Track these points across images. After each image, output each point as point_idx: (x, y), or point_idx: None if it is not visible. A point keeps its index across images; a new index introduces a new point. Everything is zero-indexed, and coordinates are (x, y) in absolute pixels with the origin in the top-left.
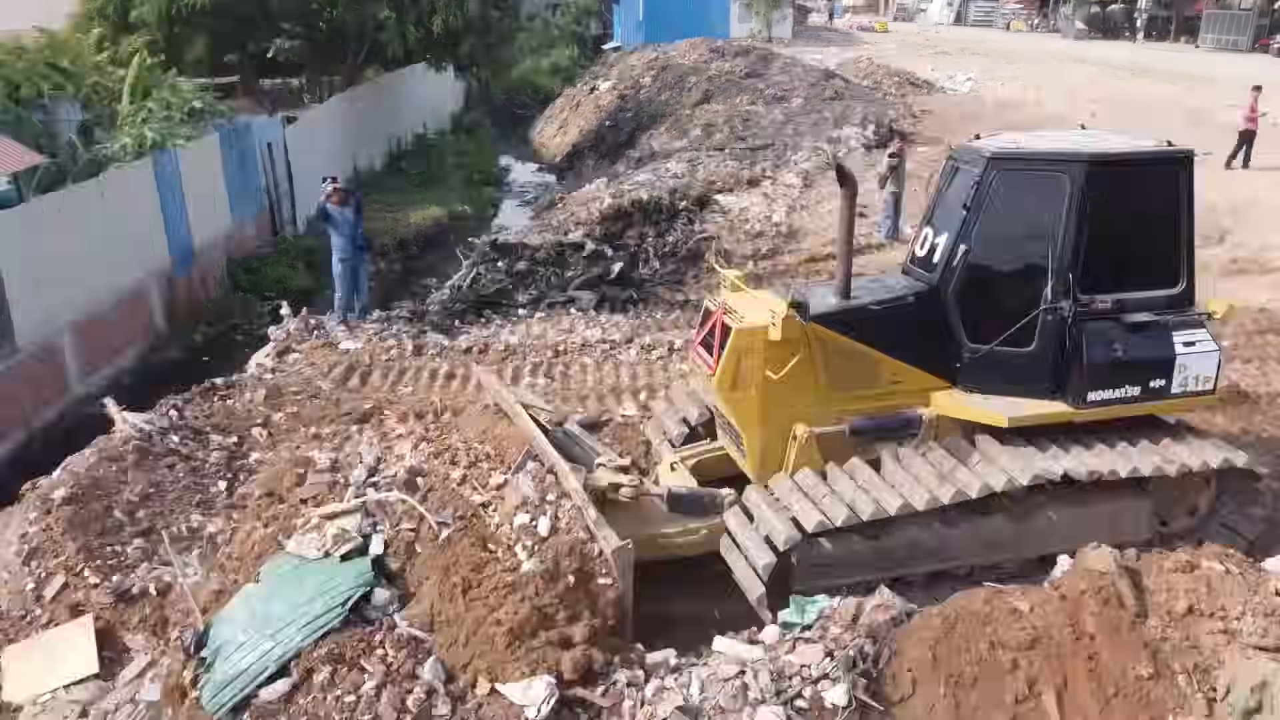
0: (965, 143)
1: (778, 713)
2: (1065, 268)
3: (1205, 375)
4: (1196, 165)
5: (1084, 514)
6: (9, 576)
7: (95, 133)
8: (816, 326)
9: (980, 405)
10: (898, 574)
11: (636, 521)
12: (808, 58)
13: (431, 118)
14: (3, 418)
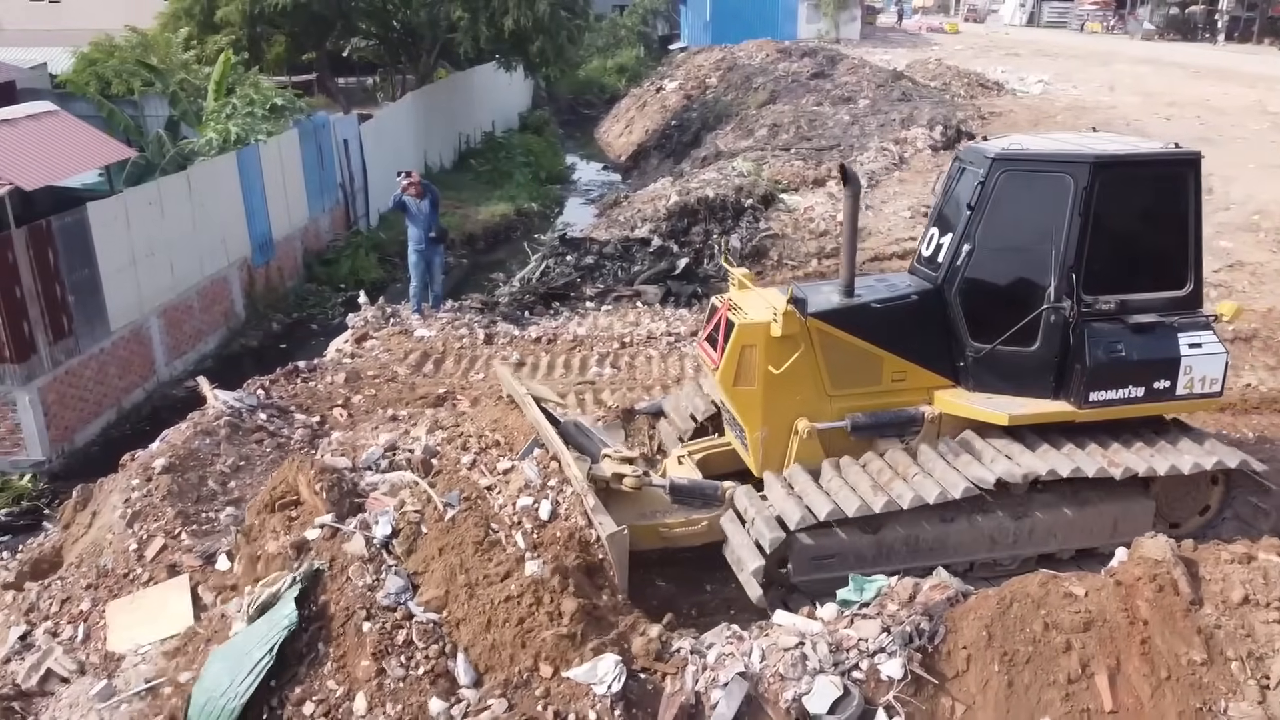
0: (971, 144)
1: (835, 682)
2: (1068, 268)
3: (1212, 377)
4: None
5: (1086, 513)
6: (113, 537)
7: (181, 128)
8: (818, 323)
9: (981, 404)
10: (898, 568)
11: (639, 511)
12: (875, 59)
13: (500, 116)
14: (97, 396)
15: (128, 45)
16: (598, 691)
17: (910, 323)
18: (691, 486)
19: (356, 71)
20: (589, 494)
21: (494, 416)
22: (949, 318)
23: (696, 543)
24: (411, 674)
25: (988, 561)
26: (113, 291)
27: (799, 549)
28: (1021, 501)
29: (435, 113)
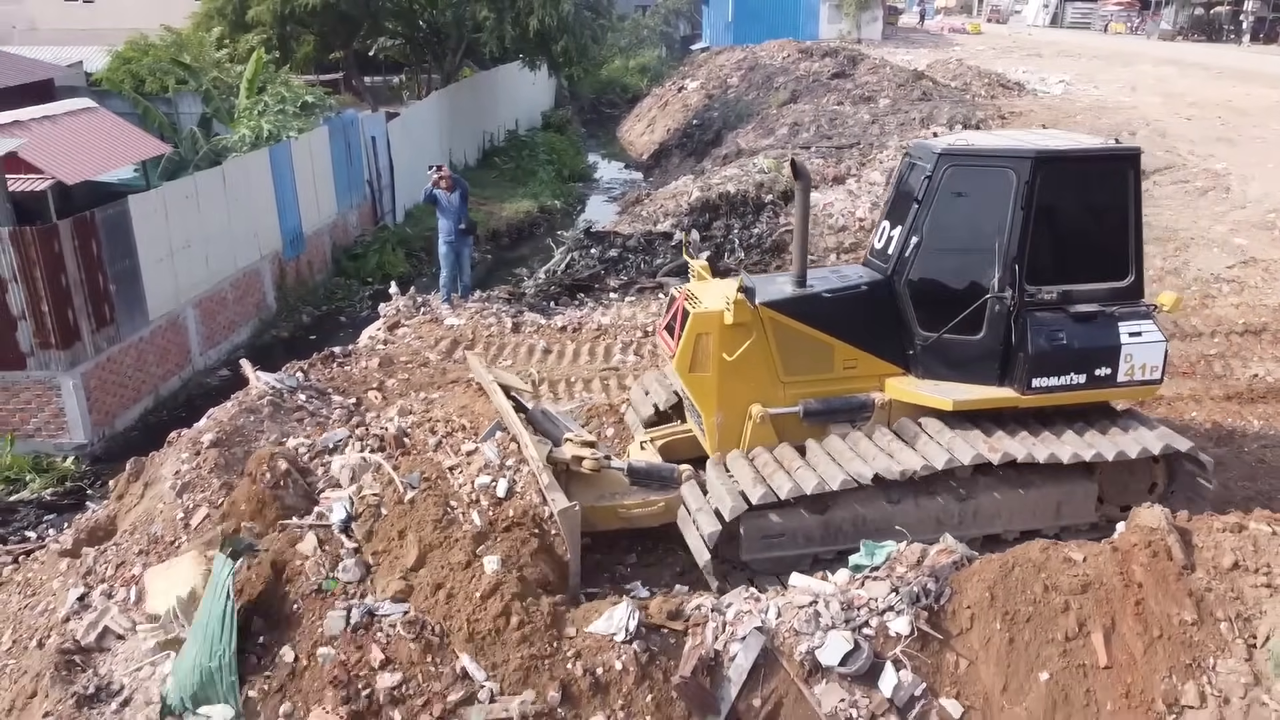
0: (919, 140)
1: (846, 637)
2: (1011, 259)
3: (1152, 365)
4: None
5: (1029, 496)
6: (164, 507)
7: (213, 125)
8: (770, 312)
9: (928, 390)
10: (845, 548)
11: (599, 493)
12: (897, 59)
13: (523, 115)
14: (136, 383)
15: (162, 44)
16: (618, 639)
17: (860, 312)
18: (649, 469)
19: (383, 70)
20: (544, 472)
21: (462, 403)
22: (898, 308)
23: (654, 523)
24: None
25: (934, 543)
26: (151, 282)
27: (750, 528)
28: (966, 484)
29: (460, 111)
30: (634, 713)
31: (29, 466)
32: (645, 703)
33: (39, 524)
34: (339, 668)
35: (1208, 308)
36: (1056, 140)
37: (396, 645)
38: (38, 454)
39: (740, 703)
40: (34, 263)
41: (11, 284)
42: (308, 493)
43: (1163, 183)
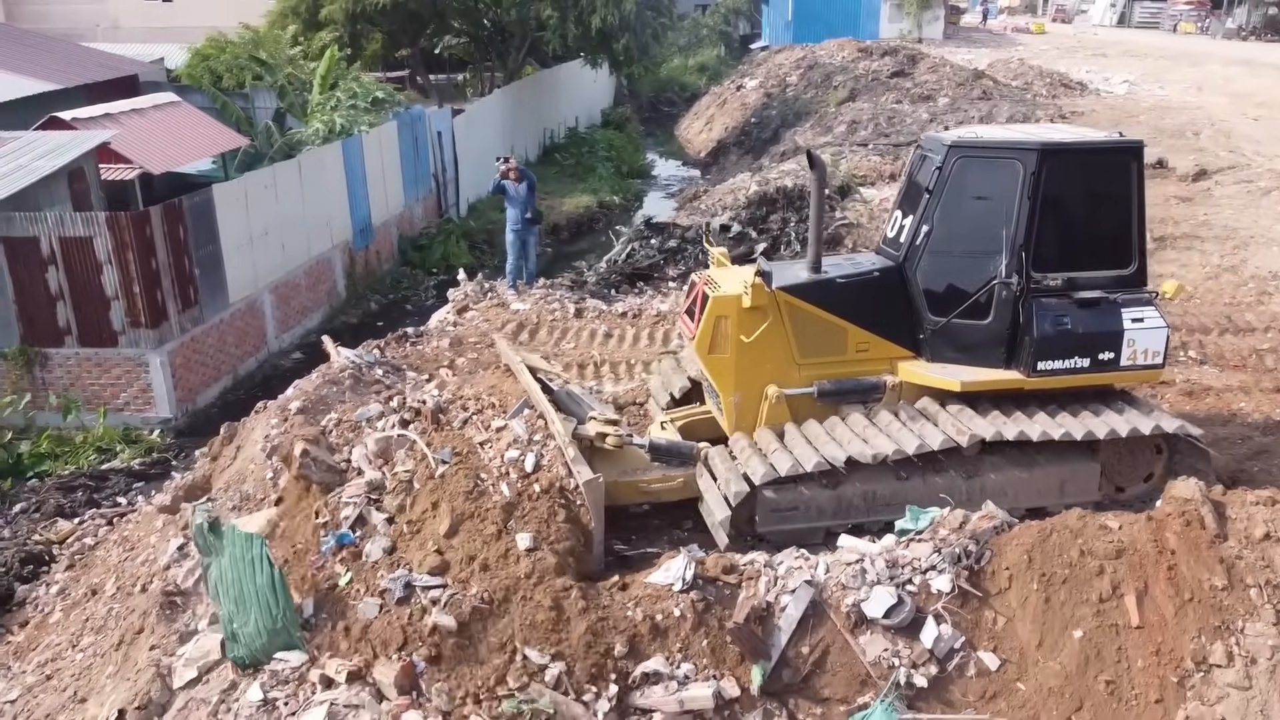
0: (930, 133)
1: (890, 592)
2: (1018, 247)
3: (1154, 350)
4: None
5: (1034, 474)
6: (254, 467)
7: (287, 119)
8: (787, 296)
9: (937, 372)
10: (857, 521)
11: (621, 468)
12: (957, 58)
13: (583, 112)
14: (216, 362)
15: (240, 41)
16: (676, 589)
17: (872, 297)
18: (669, 446)
19: (447, 68)
20: (569, 446)
21: (491, 383)
22: (909, 293)
23: (673, 498)
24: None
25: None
26: (232, 267)
27: (764, 502)
28: (973, 462)
29: (522, 108)
30: (691, 655)
31: (119, 438)
32: (701, 646)
33: (128, 491)
34: (397, 630)
35: (1263, 304)
36: (1063, 133)
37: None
38: (127, 426)
39: (789, 649)
40: (127, 246)
41: (106, 266)
42: (332, 467)
43: (1225, 182)
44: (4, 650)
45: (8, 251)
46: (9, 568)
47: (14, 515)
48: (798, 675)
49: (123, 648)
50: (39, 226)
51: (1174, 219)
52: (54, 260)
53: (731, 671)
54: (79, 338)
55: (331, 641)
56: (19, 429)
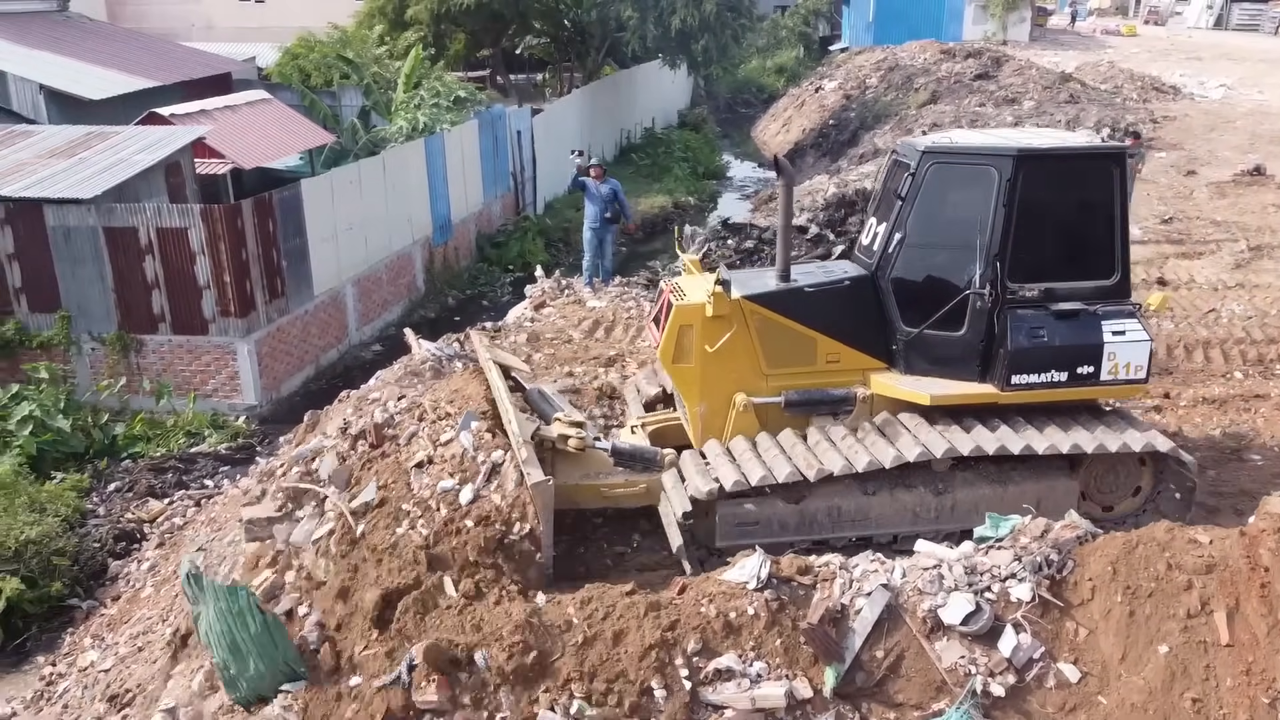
0: (905, 138)
1: (968, 599)
2: (993, 257)
3: (1137, 364)
4: None
5: (1008, 491)
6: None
7: (371, 117)
8: (752, 305)
9: (908, 385)
10: (821, 538)
11: (583, 471)
12: (1044, 61)
13: (660, 113)
14: (300, 352)
15: (328, 41)
16: (750, 586)
17: (842, 307)
18: (633, 450)
19: (526, 68)
20: (523, 447)
21: (455, 387)
22: (881, 303)
23: (635, 504)
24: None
25: (911, 535)
26: (317, 260)
27: (722, 516)
28: (944, 478)
29: (600, 108)
30: (764, 653)
31: (207, 423)
32: (774, 646)
33: (215, 474)
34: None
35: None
36: (1043, 138)
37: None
38: (215, 412)
39: (864, 653)
40: (219, 238)
41: (200, 256)
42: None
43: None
44: (99, 622)
45: (109, 241)
46: (104, 544)
47: (109, 494)
48: (871, 679)
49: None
50: (138, 217)
51: (1271, 228)
52: (151, 250)
53: (804, 672)
54: (172, 325)
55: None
56: (115, 412)
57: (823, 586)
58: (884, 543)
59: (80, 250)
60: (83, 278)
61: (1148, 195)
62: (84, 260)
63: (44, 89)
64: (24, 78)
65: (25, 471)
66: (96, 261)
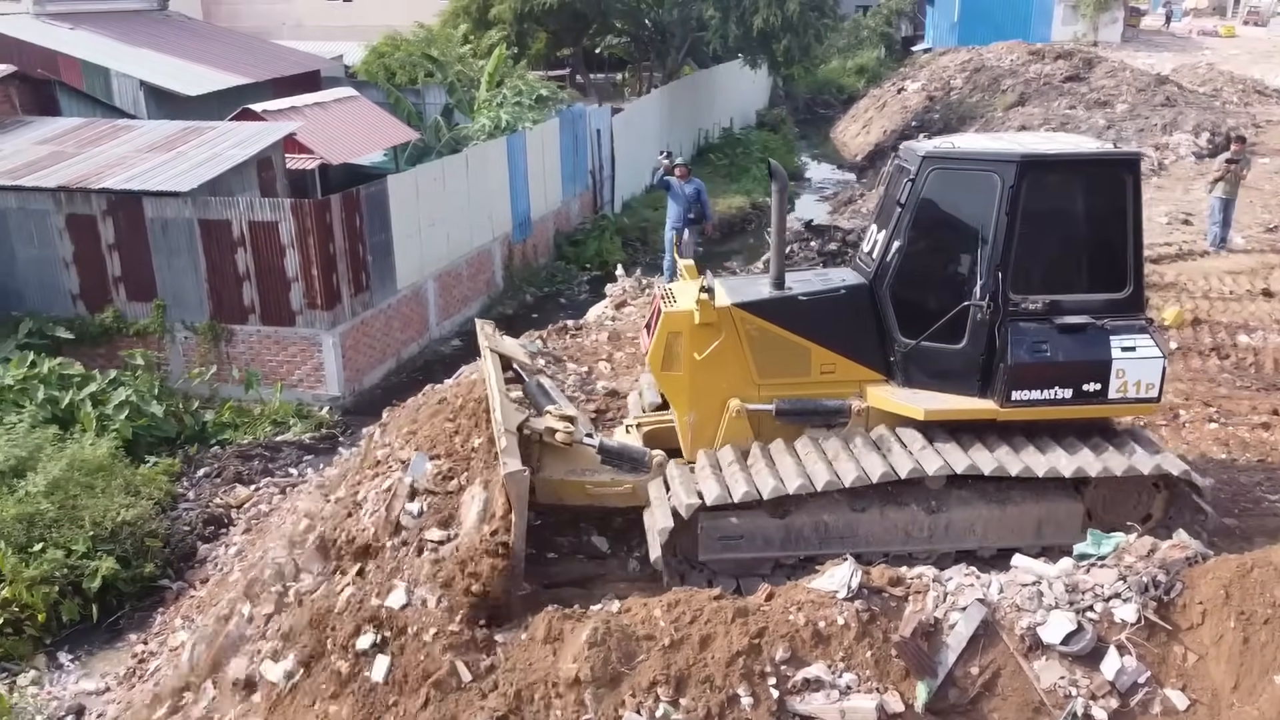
0: (908, 142)
1: (1070, 617)
2: (994, 266)
3: (1147, 382)
4: None
5: (1007, 512)
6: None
7: (454, 114)
8: (743, 313)
9: (903, 398)
10: (808, 554)
11: (569, 467)
12: (1137, 62)
13: (738, 113)
14: (382, 346)
15: (414, 39)
16: (840, 596)
17: (838, 316)
18: (620, 449)
19: (605, 68)
20: (503, 436)
21: (407, 428)
22: (879, 313)
23: (620, 504)
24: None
25: (902, 555)
26: (401, 255)
27: (705, 529)
28: (938, 496)
29: (679, 107)
30: (854, 665)
31: (292, 412)
32: (865, 657)
33: (299, 462)
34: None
35: None
36: (1051, 144)
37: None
38: (300, 402)
39: (957, 669)
40: (308, 232)
41: (289, 249)
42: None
43: None
44: (189, 603)
45: (203, 233)
46: (193, 527)
47: (198, 479)
48: (965, 696)
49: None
50: (232, 211)
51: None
52: (243, 243)
53: (895, 686)
54: (261, 316)
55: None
56: (205, 399)
57: (915, 599)
58: (873, 562)
59: (176, 242)
60: (178, 268)
61: (1251, 203)
62: (179, 251)
63: (144, 85)
64: (126, 74)
65: (121, 455)
66: (191, 253)
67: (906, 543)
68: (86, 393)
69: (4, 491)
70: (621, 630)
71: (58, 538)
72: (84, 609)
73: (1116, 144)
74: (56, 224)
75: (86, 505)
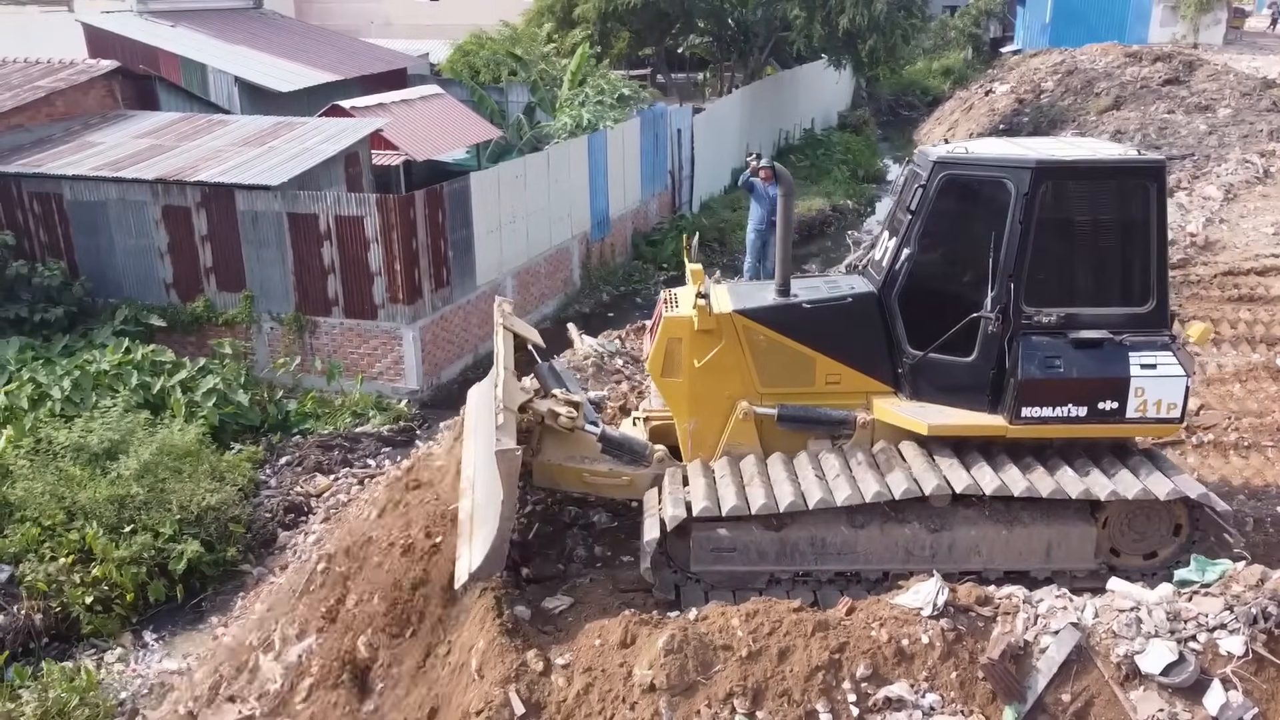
0: (921, 147)
1: (1171, 647)
2: (1007, 277)
3: (1169, 401)
4: None
5: (1015, 534)
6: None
7: (536, 112)
8: (745, 320)
9: (908, 412)
10: (803, 569)
11: (569, 453)
12: (1241, 65)
13: (820, 114)
14: (460, 341)
15: (499, 38)
16: (925, 614)
17: (843, 325)
18: (622, 440)
19: (686, 68)
20: (502, 413)
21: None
22: (887, 322)
23: (616, 495)
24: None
25: (903, 573)
26: (481, 251)
27: (697, 540)
28: (942, 514)
29: (760, 108)
30: (938, 685)
31: (372, 404)
32: (949, 678)
33: (377, 454)
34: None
35: None
36: (1071, 150)
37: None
38: (379, 394)
39: (1048, 695)
40: (392, 227)
41: (373, 244)
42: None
43: None
44: (269, 589)
45: (291, 226)
46: (274, 514)
47: (280, 467)
48: None
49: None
50: (319, 205)
51: None
52: (329, 236)
53: (981, 709)
54: (344, 309)
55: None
56: (288, 389)
57: (1004, 620)
58: (874, 579)
59: (265, 234)
60: (266, 260)
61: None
62: (268, 244)
63: (239, 81)
64: (221, 70)
65: (208, 441)
66: (279, 245)
67: (908, 561)
68: (177, 380)
69: (97, 473)
70: (699, 639)
71: (147, 520)
72: (169, 590)
73: (1141, 150)
74: (153, 215)
75: (174, 489)
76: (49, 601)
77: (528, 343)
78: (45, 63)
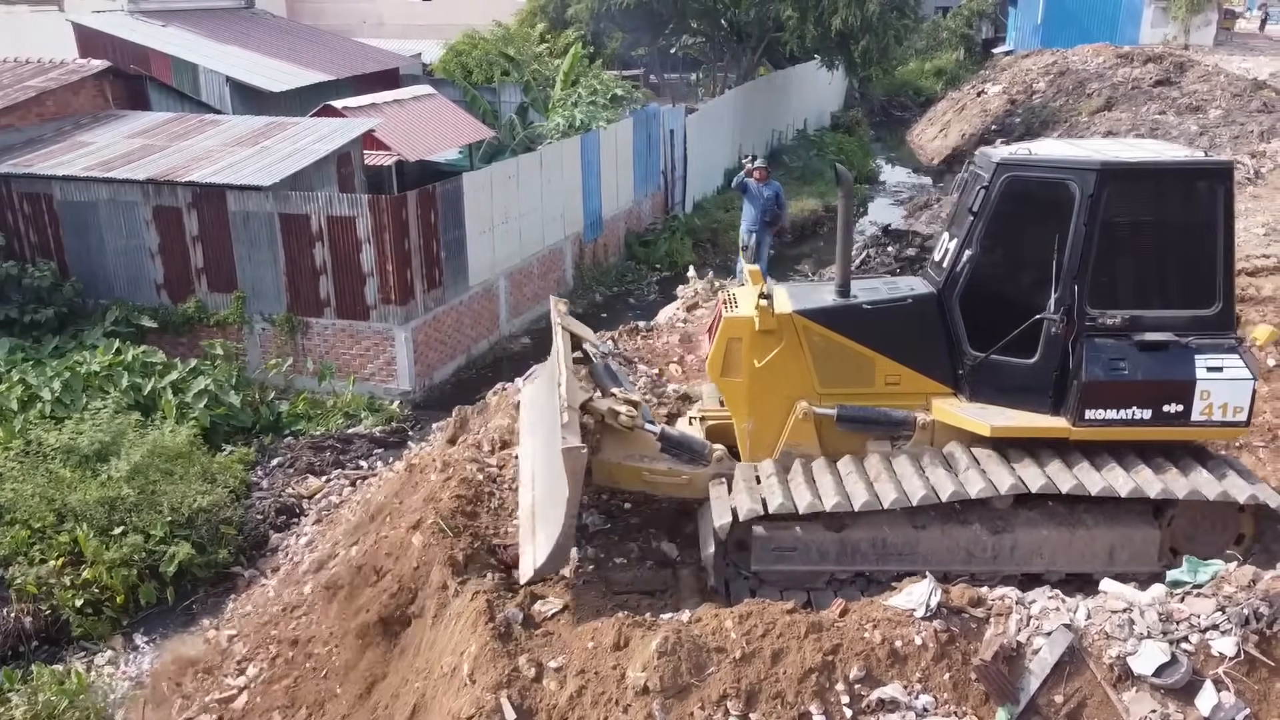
0: (984, 148)
1: (1163, 648)
2: (1071, 279)
3: (1236, 405)
4: None
5: (1077, 535)
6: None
7: (529, 113)
8: (805, 321)
9: (971, 414)
10: (863, 569)
11: (628, 452)
12: (1231, 66)
13: (812, 115)
14: (453, 342)
15: (491, 38)
16: (918, 615)
17: (904, 326)
18: (681, 439)
19: (680, 68)
20: (566, 411)
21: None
22: (948, 324)
23: (675, 494)
24: None
25: (963, 575)
26: (474, 252)
27: (759, 538)
28: (1002, 516)
29: (753, 109)
30: (931, 687)
31: (364, 405)
32: (943, 680)
33: (369, 455)
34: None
35: None
36: (1135, 151)
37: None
38: (371, 395)
39: (1040, 696)
40: (384, 228)
41: (365, 244)
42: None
43: None
44: (260, 591)
45: (283, 227)
46: (266, 516)
47: (272, 468)
48: None
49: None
50: (311, 205)
51: None
52: (321, 237)
53: (974, 711)
54: (336, 310)
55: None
56: (280, 390)
57: (997, 621)
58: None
59: (257, 234)
60: (258, 261)
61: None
62: (260, 244)
63: (230, 81)
64: (213, 70)
65: (199, 442)
66: (271, 246)
67: (969, 563)
68: (168, 381)
69: (88, 475)
70: (692, 641)
71: (137, 522)
72: (160, 592)
73: (1208, 151)
74: (144, 215)
75: (165, 491)
76: (39, 604)
77: (583, 342)
78: (36, 62)
